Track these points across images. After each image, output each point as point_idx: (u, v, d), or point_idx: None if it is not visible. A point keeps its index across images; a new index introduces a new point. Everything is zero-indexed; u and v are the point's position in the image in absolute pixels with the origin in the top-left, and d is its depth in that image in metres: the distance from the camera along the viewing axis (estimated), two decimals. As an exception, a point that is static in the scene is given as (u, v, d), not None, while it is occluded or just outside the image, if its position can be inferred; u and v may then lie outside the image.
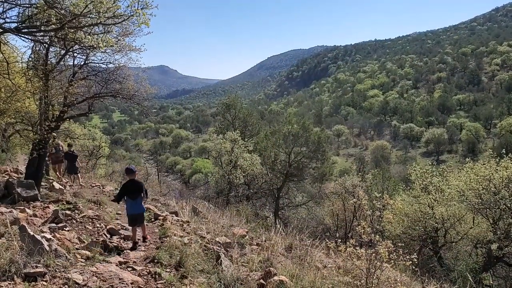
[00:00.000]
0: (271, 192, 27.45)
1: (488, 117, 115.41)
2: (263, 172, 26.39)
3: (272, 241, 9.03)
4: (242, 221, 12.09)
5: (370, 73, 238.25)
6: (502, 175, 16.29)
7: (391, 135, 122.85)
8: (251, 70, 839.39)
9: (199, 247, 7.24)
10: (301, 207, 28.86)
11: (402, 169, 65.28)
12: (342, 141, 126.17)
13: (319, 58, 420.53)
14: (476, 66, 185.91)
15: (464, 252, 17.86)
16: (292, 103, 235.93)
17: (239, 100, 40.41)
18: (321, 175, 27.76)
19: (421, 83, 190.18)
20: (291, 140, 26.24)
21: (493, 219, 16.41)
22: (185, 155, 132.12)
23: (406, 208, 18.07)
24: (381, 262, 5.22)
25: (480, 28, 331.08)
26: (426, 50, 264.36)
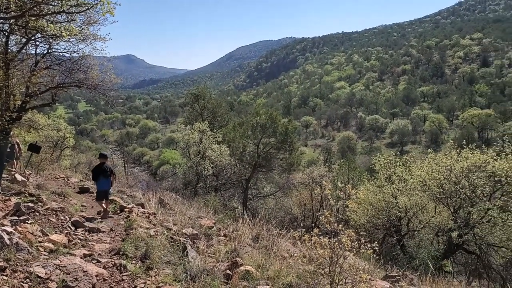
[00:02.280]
0: (240, 183, 27.53)
1: (450, 109, 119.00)
2: (231, 163, 26.41)
3: (239, 231, 9.10)
4: (210, 212, 12.12)
5: (337, 65, 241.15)
6: (463, 165, 16.85)
7: (357, 126, 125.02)
8: (220, 61, 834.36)
9: (165, 238, 7.23)
10: (269, 198, 29.09)
11: (367, 160, 66.66)
12: (310, 132, 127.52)
13: (287, 49, 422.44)
14: (439, 58, 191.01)
15: (426, 240, 18.43)
16: (261, 94, 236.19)
17: (208, 91, 40.17)
18: (289, 166, 28.00)
19: (387, 75, 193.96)
20: (260, 131, 26.32)
21: (454, 208, 16.99)
22: (153, 146, 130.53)
23: (370, 197, 18.50)
24: (343, 251, 5.37)
25: (444, 21, 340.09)
26: (391, 43, 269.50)
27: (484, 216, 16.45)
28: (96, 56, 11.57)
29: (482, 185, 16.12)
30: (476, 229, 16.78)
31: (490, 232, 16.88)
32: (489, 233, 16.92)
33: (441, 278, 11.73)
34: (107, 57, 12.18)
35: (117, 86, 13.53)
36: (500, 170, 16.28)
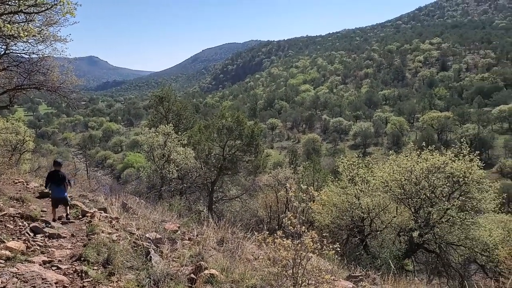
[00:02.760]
0: (205, 186, 27.39)
1: (411, 111, 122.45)
2: (197, 166, 26.25)
3: (204, 235, 9.05)
4: (174, 216, 11.98)
5: (302, 69, 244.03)
6: (423, 166, 17.34)
7: (322, 128, 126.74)
8: (185, 63, 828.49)
9: (128, 243, 7.11)
10: (235, 200, 29.08)
11: (331, 161, 67.62)
12: (276, 134, 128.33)
13: (253, 52, 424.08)
14: (400, 62, 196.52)
15: (388, 240, 18.85)
16: (227, 97, 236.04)
17: (173, 93, 39.75)
18: (255, 168, 28.09)
19: (350, 79, 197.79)
20: (225, 134, 26.30)
21: (415, 208, 17.46)
22: (116, 149, 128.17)
23: (334, 198, 18.78)
24: (306, 252, 5.43)
25: (405, 26, 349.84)
26: (354, 47, 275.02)
27: (443, 216, 16.96)
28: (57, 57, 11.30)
29: (441, 186, 16.62)
30: (436, 229, 17.29)
31: (449, 231, 17.44)
32: (448, 232, 17.47)
33: (403, 277, 12.02)
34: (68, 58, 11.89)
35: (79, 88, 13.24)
36: (458, 171, 16.83)
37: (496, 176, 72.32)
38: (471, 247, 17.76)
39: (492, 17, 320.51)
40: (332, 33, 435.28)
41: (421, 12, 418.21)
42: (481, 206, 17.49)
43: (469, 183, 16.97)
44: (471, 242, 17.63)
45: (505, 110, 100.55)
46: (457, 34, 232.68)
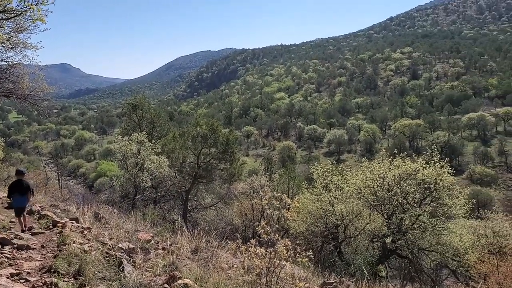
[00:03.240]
0: (180, 195, 27.16)
1: (383, 119, 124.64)
2: (171, 174, 26.03)
3: (178, 244, 8.97)
4: (148, 225, 11.84)
5: (277, 77, 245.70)
6: (395, 173, 17.65)
7: (297, 136, 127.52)
8: (160, 70, 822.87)
9: (100, 254, 6.99)
10: (210, 209, 28.92)
11: (306, 168, 68.02)
12: (251, 142, 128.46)
13: (228, 60, 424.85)
14: (372, 71, 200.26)
15: (362, 246, 19.05)
16: (202, 104, 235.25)
17: (147, 101, 39.39)
18: (230, 176, 28.02)
19: (324, 87, 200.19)
20: (200, 142, 26.17)
21: (387, 215, 17.72)
22: (89, 157, 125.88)
23: (309, 206, 18.90)
24: (280, 260, 5.45)
25: (377, 36, 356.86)
26: (328, 56, 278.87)
27: (415, 222, 17.26)
28: (27, 64, 11.05)
29: (413, 192, 16.94)
30: (408, 235, 17.57)
31: (421, 237, 17.74)
32: (420, 238, 17.78)
33: (376, 283, 12.16)
34: (39, 65, 11.64)
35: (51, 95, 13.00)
36: (429, 178, 17.18)
37: (466, 182, 74.10)
38: (442, 253, 18.12)
39: (461, 27, 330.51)
40: (306, 42, 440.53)
41: (392, 22, 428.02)
42: (452, 212, 17.88)
43: (440, 190, 17.35)
44: (442, 247, 17.99)
45: (474, 117, 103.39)
46: (427, 43, 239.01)
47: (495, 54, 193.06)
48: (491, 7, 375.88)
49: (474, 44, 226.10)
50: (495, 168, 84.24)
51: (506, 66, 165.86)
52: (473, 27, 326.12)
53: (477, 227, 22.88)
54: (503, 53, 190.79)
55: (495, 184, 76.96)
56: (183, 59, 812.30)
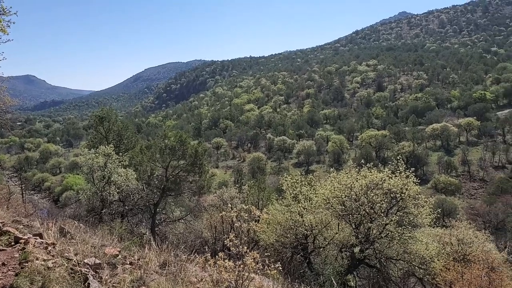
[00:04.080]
0: (148, 208, 26.72)
1: (350, 130, 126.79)
2: (138, 187, 25.61)
3: (146, 258, 8.82)
4: (115, 239, 11.60)
5: (246, 88, 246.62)
6: (362, 183, 17.94)
7: (266, 147, 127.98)
8: (127, 82, 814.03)
9: (65, 270, 6.79)
10: (179, 222, 28.56)
11: (276, 179, 68.33)
12: (221, 153, 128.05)
13: (197, 71, 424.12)
14: (339, 83, 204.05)
15: (331, 256, 19.19)
16: (171, 116, 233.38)
17: (114, 112, 38.78)
18: (199, 188, 27.85)
19: (292, 99, 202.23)
20: (168, 154, 25.90)
21: (355, 224, 17.94)
22: (55, 171, 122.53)
23: (278, 217, 18.95)
24: (248, 273, 5.44)
25: (343, 48, 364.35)
26: (296, 68, 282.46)
27: (383, 231, 17.53)
28: (-12, 76, 10.71)
29: (379, 202, 17.23)
30: (376, 244, 17.82)
31: (388, 246, 18.03)
32: (388, 247, 18.07)
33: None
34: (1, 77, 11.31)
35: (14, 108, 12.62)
36: (395, 187, 17.54)
37: (431, 191, 75.92)
38: (409, 261, 18.44)
39: (424, 41, 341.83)
40: (274, 54, 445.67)
41: (358, 35, 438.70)
42: (418, 220, 18.28)
43: (406, 199, 17.72)
44: (409, 256, 18.32)
45: (437, 128, 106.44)
46: (392, 56, 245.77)
47: (456, 66, 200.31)
48: (452, 21, 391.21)
49: (436, 57, 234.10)
50: (459, 177, 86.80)
51: (467, 78, 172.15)
52: (436, 40, 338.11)
53: (442, 235, 23.35)
54: (464, 66, 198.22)
55: (458, 192, 79.20)
56: (151, 71, 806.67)
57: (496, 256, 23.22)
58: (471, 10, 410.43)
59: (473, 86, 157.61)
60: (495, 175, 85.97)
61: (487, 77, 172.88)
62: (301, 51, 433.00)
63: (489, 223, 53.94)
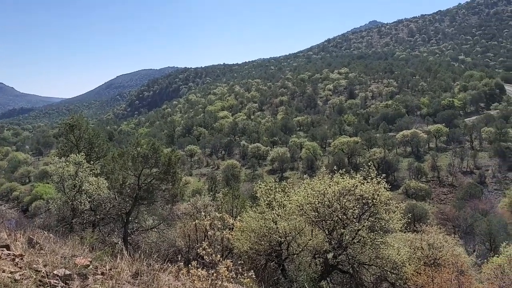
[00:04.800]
0: (120, 217, 26.29)
1: (323, 137, 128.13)
2: (110, 196, 25.20)
3: (118, 268, 8.68)
4: (86, 249, 11.38)
5: (220, 95, 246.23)
6: (334, 189, 18.16)
7: (241, 154, 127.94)
8: (99, 89, 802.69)
9: (33, 282, 6.63)
10: (152, 231, 28.19)
11: (250, 187, 68.32)
12: (195, 161, 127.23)
13: (170, 78, 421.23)
14: (312, 91, 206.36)
15: (304, 262, 19.29)
16: (143, 123, 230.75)
17: (85, 120, 38.14)
18: (173, 197, 27.58)
19: (266, 106, 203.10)
20: (141, 162, 25.59)
21: (328, 230, 18.12)
22: (24, 180, 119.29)
23: (253, 224, 18.95)
24: (221, 282, 5.43)
25: (315, 57, 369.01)
26: (269, 75, 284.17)
27: (355, 237, 17.76)
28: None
29: (352, 208, 17.46)
30: (348, 250, 18.04)
31: (361, 252, 18.27)
32: (360, 253, 18.31)
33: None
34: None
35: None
36: (367, 193, 17.83)
37: (402, 197, 77.38)
38: (381, 266, 18.72)
39: (393, 49, 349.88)
40: (248, 61, 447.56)
41: (330, 43, 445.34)
42: (389, 226, 18.61)
43: (377, 204, 18.02)
44: (381, 261, 18.59)
45: (407, 134, 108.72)
46: (363, 64, 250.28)
47: (425, 74, 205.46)
48: (421, 30, 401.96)
49: (406, 65, 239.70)
50: (429, 183, 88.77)
51: (436, 86, 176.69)
52: (405, 49, 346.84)
53: (414, 240, 23.82)
54: (433, 74, 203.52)
55: (429, 198, 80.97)
56: (123, 78, 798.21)
57: (465, 260, 23.85)
58: (439, 19, 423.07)
59: (441, 94, 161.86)
60: (463, 180, 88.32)
61: (455, 85, 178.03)
62: (274, 58, 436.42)
63: (459, 228, 55.24)
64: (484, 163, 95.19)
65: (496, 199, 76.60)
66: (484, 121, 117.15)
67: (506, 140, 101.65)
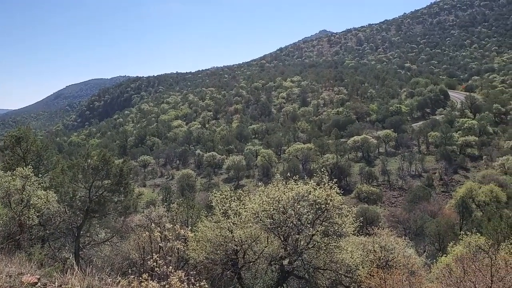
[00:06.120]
0: (71, 231, 25.42)
1: (278, 144, 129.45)
2: (60, 210, 24.33)
3: (68, 284, 8.46)
4: (34, 266, 10.98)
5: (174, 104, 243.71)
6: (289, 196, 18.45)
7: (196, 163, 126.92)
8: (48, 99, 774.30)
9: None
10: (105, 244, 27.43)
11: (206, 196, 67.88)
12: (149, 171, 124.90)
13: (121, 88, 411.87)
14: (266, 99, 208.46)
15: (261, 270, 19.40)
16: (94, 134, 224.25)
17: (32, 132, 36.72)
18: (125, 209, 26.91)
19: (221, 114, 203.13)
20: (91, 174, 24.89)
21: (284, 237, 18.36)
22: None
23: (208, 233, 18.89)
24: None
25: (269, 65, 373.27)
26: (223, 84, 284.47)
27: (310, 242, 18.09)
28: None
29: (306, 213, 17.81)
30: (304, 255, 18.33)
31: (315, 257, 18.61)
32: (315, 258, 18.64)
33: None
34: None
35: None
36: (320, 198, 18.22)
37: (355, 201, 79.26)
38: (336, 270, 19.13)
39: (343, 58, 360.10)
40: (201, 70, 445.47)
41: (282, 52, 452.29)
42: (342, 230, 19.08)
43: (331, 209, 18.46)
44: (336, 265, 19.01)
45: (358, 140, 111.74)
46: (314, 72, 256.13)
47: (374, 81, 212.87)
48: (369, 39, 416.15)
49: (355, 73, 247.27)
50: (380, 187, 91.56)
51: (384, 93, 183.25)
52: (354, 57, 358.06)
53: (366, 243, 24.41)
54: (381, 81, 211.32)
55: (380, 201, 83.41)
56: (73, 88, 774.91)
57: (415, 261, 24.74)
58: (386, 28, 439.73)
59: (389, 100, 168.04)
60: (412, 183, 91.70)
61: (402, 91, 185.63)
62: (228, 67, 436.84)
63: (409, 229, 57.03)
64: (431, 166, 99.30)
65: (443, 201, 79.87)
66: (430, 126, 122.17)
67: (451, 144, 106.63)
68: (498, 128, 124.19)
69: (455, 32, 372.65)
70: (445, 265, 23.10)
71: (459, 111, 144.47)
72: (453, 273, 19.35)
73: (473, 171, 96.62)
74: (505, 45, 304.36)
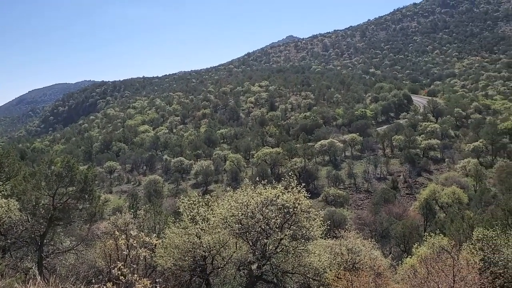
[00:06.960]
0: (34, 240, 24.67)
1: (247, 148, 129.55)
2: (22, 218, 23.58)
3: (30, 295, 8.22)
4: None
5: (140, 109, 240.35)
6: (257, 200, 18.52)
7: (163, 169, 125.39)
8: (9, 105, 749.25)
9: None
10: (70, 253, 26.74)
11: (174, 202, 67.13)
12: (115, 178, 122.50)
13: (87, 93, 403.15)
14: (234, 103, 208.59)
15: (229, 275, 19.35)
16: (58, 140, 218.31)
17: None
18: (91, 216, 26.35)
19: (189, 119, 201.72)
20: (55, 181, 24.26)
21: (252, 241, 18.39)
22: None
23: (176, 240, 18.71)
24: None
25: (236, 70, 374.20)
26: (191, 88, 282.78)
27: (278, 246, 18.21)
28: None
29: (274, 217, 17.91)
30: (272, 259, 18.43)
31: (284, 261, 18.74)
32: (283, 262, 18.77)
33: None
34: None
35: None
36: (288, 202, 18.38)
37: (322, 204, 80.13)
38: (304, 273, 19.30)
39: (310, 63, 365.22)
40: (168, 74, 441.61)
41: (250, 57, 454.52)
42: (310, 233, 19.28)
43: (298, 213, 18.64)
44: (304, 268, 19.18)
45: (325, 144, 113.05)
46: (282, 77, 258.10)
47: (339, 86, 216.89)
48: (334, 45, 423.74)
49: (321, 78, 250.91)
50: (346, 190, 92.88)
51: (349, 98, 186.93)
52: (320, 62, 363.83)
53: (333, 245, 24.72)
54: (346, 86, 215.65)
55: (347, 204, 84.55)
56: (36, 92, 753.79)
57: (382, 263, 25.25)
58: (351, 34, 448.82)
59: (354, 105, 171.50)
60: (378, 186, 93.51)
61: (366, 96, 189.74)
62: (195, 71, 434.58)
63: (375, 232, 58.07)
64: (396, 169, 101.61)
65: (408, 203, 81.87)
66: (395, 130, 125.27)
67: (414, 147, 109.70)
68: (459, 132, 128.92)
69: (418, 38, 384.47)
70: (410, 266, 23.71)
71: (422, 115, 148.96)
72: (417, 274, 19.88)
73: (436, 174, 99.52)
74: (465, 51, 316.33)
